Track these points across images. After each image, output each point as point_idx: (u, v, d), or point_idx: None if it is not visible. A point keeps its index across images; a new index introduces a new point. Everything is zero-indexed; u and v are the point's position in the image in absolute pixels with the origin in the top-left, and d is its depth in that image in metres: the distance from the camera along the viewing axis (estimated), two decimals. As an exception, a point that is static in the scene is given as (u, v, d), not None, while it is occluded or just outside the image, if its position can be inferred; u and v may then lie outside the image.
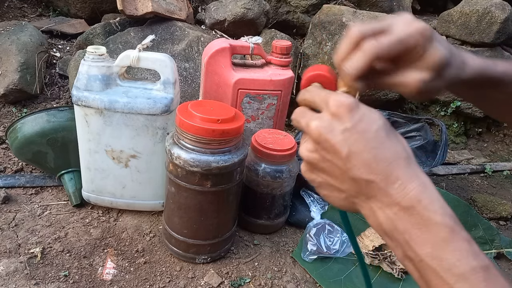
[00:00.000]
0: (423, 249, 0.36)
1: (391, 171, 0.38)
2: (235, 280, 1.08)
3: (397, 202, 0.37)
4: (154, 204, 1.24)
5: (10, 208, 1.22)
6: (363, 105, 0.40)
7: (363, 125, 0.38)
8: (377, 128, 0.38)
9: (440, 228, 0.35)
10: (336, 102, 0.39)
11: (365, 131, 0.38)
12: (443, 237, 0.35)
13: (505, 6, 1.84)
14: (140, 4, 1.69)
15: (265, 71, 1.29)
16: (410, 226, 0.37)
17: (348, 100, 0.39)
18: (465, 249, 0.35)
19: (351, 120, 0.38)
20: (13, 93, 1.60)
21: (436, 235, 0.35)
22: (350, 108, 0.39)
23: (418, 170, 0.38)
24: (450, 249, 0.35)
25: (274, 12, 1.94)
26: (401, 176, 0.37)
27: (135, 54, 1.06)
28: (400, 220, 0.37)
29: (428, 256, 0.36)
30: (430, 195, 0.37)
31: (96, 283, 1.02)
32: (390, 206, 0.38)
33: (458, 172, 1.80)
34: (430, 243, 0.36)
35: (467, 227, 1.22)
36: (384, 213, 0.38)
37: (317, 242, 1.15)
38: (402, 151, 0.39)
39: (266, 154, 1.13)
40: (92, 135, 1.11)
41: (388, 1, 2.04)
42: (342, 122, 0.39)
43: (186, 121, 0.94)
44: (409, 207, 0.37)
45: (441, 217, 0.36)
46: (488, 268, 0.34)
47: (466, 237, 0.35)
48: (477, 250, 0.35)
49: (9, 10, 2.10)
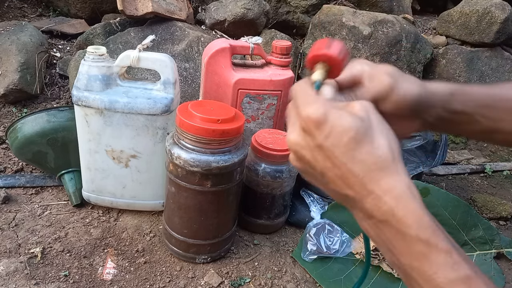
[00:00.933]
0: (404, 259, 0.36)
1: (364, 185, 0.37)
2: (235, 280, 1.08)
3: (373, 215, 0.37)
4: (154, 204, 1.24)
5: (10, 208, 1.22)
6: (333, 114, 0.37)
7: (331, 140, 0.37)
8: (347, 141, 0.37)
9: (415, 242, 0.35)
10: (305, 117, 0.38)
11: (335, 146, 0.37)
12: (419, 251, 0.35)
13: (505, 6, 1.85)
14: (140, 4, 1.69)
15: (265, 71, 1.29)
16: (390, 237, 0.37)
17: (314, 115, 0.37)
18: (442, 262, 0.34)
19: (320, 136, 0.37)
20: (13, 93, 1.60)
21: (413, 248, 0.36)
22: (317, 124, 0.37)
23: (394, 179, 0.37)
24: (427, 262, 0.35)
25: (274, 12, 1.94)
26: (374, 189, 0.37)
27: (135, 54, 1.06)
28: (380, 231, 0.38)
29: (408, 266, 0.36)
30: (405, 207, 0.36)
31: (96, 283, 1.02)
32: (368, 217, 0.38)
33: (458, 172, 1.80)
34: (408, 255, 0.36)
35: (467, 227, 1.23)
36: (366, 222, 0.39)
37: (317, 242, 1.15)
38: (375, 161, 0.37)
39: (266, 154, 1.14)
40: (92, 135, 1.11)
41: (388, 1, 2.04)
42: (312, 139, 0.38)
43: (186, 121, 0.94)
44: (384, 220, 0.37)
45: (416, 231, 0.35)
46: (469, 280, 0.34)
47: (445, 248, 0.35)
48: (457, 260, 0.34)
49: (9, 10, 2.10)
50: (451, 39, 2.00)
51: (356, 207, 0.39)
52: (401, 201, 0.36)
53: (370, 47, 1.71)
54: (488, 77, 1.94)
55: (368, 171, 0.37)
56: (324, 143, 0.37)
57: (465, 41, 1.96)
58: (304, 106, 0.39)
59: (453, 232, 1.21)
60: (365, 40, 1.70)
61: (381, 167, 0.37)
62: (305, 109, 0.38)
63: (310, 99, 0.39)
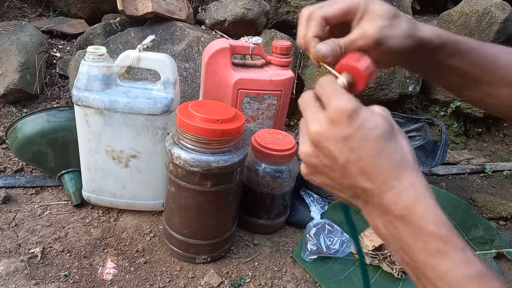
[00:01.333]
0: (417, 257, 0.37)
1: (387, 180, 0.38)
2: (235, 280, 1.08)
3: (390, 210, 0.38)
4: (154, 204, 1.24)
5: (10, 208, 1.22)
6: (365, 109, 0.39)
7: (361, 132, 0.38)
8: (376, 136, 0.38)
9: (433, 238, 0.36)
10: (337, 107, 0.39)
11: (364, 138, 0.38)
12: (436, 246, 0.36)
13: (505, 6, 1.84)
14: (140, 4, 1.69)
15: (265, 71, 1.29)
16: (405, 234, 0.37)
17: (348, 106, 0.38)
18: (458, 258, 0.35)
19: (350, 128, 0.38)
20: (13, 93, 1.60)
21: (429, 244, 0.36)
22: (350, 115, 0.38)
23: (415, 179, 0.38)
24: (443, 258, 0.35)
25: (274, 12, 1.94)
26: (396, 185, 0.38)
27: (135, 54, 1.06)
28: (395, 228, 0.38)
29: (422, 263, 0.36)
30: (424, 204, 0.37)
31: (96, 283, 1.02)
32: (384, 214, 0.38)
33: (458, 172, 1.80)
34: (423, 251, 0.36)
35: (467, 227, 1.23)
36: (380, 219, 0.39)
37: (317, 242, 1.15)
38: (400, 159, 0.38)
39: (266, 154, 1.14)
40: (92, 135, 1.11)
41: (388, 1, 2.04)
42: (341, 129, 0.38)
43: (186, 121, 0.94)
44: (402, 216, 0.37)
45: (434, 226, 0.36)
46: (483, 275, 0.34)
47: (460, 245, 0.36)
48: (471, 257, 0.35)
49: (9, 10, 2.10)
50: (451, 39, 2.00)
51: (372, 202, 0.39)
52: (422, 198, 0.37)
53: (370, 47, 1.71)
54: (488, 77, 1.94)
55: (392, 166, 0.38)
56: (354, 134, 0.38)
57: (465, 41, 1.96)
58: (335, 98, 0.39)
59: (453, 232, 1.21)
60: (365, 40, 1.70)
61: (405, 165, 0.38)
62: (337, 100, 0.39)
63: (341, 93, 0.40)
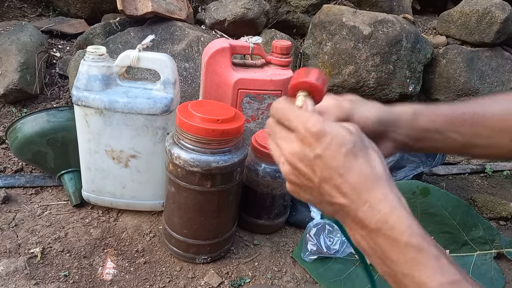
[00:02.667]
0: (396, 267, 0.38)
1: (360, 195, 0.39)
2: (235, 280, 1.08)
3: (366, 224, 0.39)
4: (154, 204, 1.24)
5: (10, 208, 1.22)
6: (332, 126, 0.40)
7: (330, 151, 0.39)
8: (344, 153, 0.39)
9: (407, 248, 0.37)
10: (303, 128, 0.40)
11: (333, 157, 0.39)
12: (411, 257, 0.37)
13: (505, 6, 1.84)
14: (140, 4, 1.69)
15: (265, 71, 1.29)
16: (382, 246, 0.38)
17: (315, 127, 0.39)
18: (432, 266, 0.36)
19: (319, 147, 0.39)
20: (13, 93, 1.60)
21: (405, 255, 0.37)
22: (317, 135, 0.39)
23: (387, 190, 0.39)
24: (418, 268, 0.36)
25: (274, 12, 1.93)
26: (368, 199, 0.38)
27: (135, 54, 1.06)
28: (372, 240, 0.39)
29: (400, 274, 0.38)
30: (397, 216, 0.38)
31: (96, 283, 1.02)
32: (361, 227, 0.40)
33: (458, 172, 1.80)
34: (400, 262, 0.37)
35: (467, 227, 1.22)
36: (358, 233, 0.40)
37: (317, 242, 1.15)
38: (370, 173, 0.39)
39: (266, 154, 1.13)
40: (92, 135, 1.11)
41: (388, 1, 2.04)
42: (312, 149, 0.39)
43: (186, 121, 0.94)
44: (377, 229, 0.38)
45: (408, 237, 0.37)
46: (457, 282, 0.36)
47: (435, 254, 0.37)
48: (445, 265, 0.36)
49: (9, 10, 2.10)
50: (451, 39, 2.00)
51: (350, 216, 0.40)
52: (394, 210, 0.38)
53: (370, 47, 1.70)
54: (488, 77, 1.94)
55: (364, 181, 0.39)
56: (324, 153, 0.39)
57: (465, 41, 1.96)
58: (300, 120, 0.40)
59: (453, 232, 1.21)
60: (365, 40, 1.70)
61: (376, 179, 0.39)
62: (303, 122, 0.40)
63: (305, 115, 0.41)
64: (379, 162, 0.40)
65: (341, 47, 1.72)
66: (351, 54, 1.71)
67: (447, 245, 1.21)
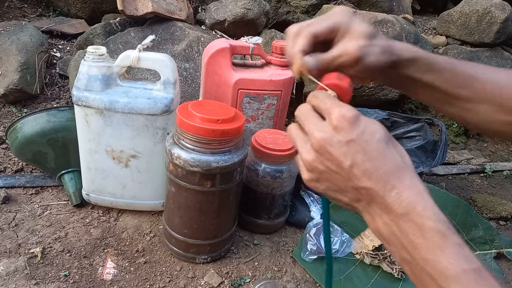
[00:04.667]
0: (418, 253, 0.38)
1: (389, 180, 0.40)
2: (235, 280, 1.08)
3: (393, 209, 0.40)
4: (154, 204, 1.24)
5: (10, 208, 1.22)
6: (364, 117, 0.42)
7: (365, 137, 0.41)
8: (378, 139, 0.41)
9: (433, 234, 0.38)
10: (339, 114, 0.41)
11: (367, 142, 0.41)
12: (436, 242, 0.38)
13: (505, 6, 1.85)
14: (140, 4, 1.69)
15: (265, 71, 1.29)
16: (406, 232, 0.39)
17: (350, 113, 0.41)
18: (456, 253, 0.37)
19: (354, 133, 0.41)
20: (13, 93, 1.60)
21: (429, 240, 0.38)
22: (352, 121, 0.41)
23: (414, 179, 0.41)
24: (442, 253, 0.37)
25: (274, 12, 1.94)
26: (397, 185, 0.40)
27: (135, 54, 1.06)
28: (396, 225, 0.40)
29: (422, 259, 0.38)
30: (424, 202, 0.39)
31: (96, 283, 1.02)
32: (387, 212, 0.40)
33: (458, 172, 1.80)
34: (424, 247, 0.38)
35: (467, 227, 1.23)
36: (382, 219, 0.41)
37: (317, 242, 1.15)
38: (400, 161, 0.41)
39: (266, 154, 1.14)
40: (92, 135, 1.11)
41: (388, 1, 2.04)
42: (345, 135, 0.41)
43: (186, 121, 0.94)
44: (404, 213, 0.39)
45: (434, 223, 0.38)
46: (479, 270, 0.36)
47: (458, 241, 0.38)
48: (468, 253, 0.37)
49: (9, 10, 2.10)
50: (451, 39, 2.00)
51: (375, 201, 0.41)
52: (422, 197, 0.39)
53: (370, 47, 1.70)
54: (488, 77, 1.94)
55: (394, 168, 0.41)
56: (358, 138, 0.41)
57: (465, 41, 1.96)
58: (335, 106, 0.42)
59: (453, 232, 1.21)
60: (365, 40, 1.70)
61: (404, 167, 0.41)
62: (338, 108, 0.42)
63: (339, 103, 0.43)
64: (405, 153, 0.42)
65: (341, 47, 1.72)
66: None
67: (447, 245, 1.21)
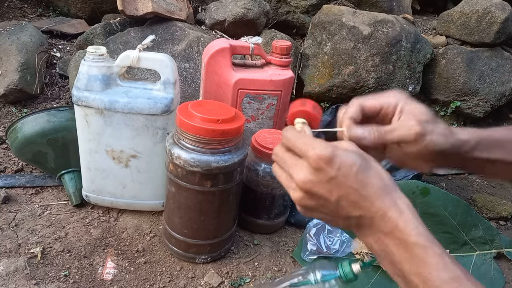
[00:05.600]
0: (405, 267, 0.42)
1: (374, 204, 0.43)
2: (235, 280, 1.08)
3: (380, 229, 0.43)
4: (154, 204, 1.24)
5: (10, 208, 1.22)
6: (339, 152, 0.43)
7: (343, 171, 0.43)
8: (356, 171, 0.43)
9: (414, 248, 0.41)
10: (315, 156, 0.43)
11: (347, 176, 0.43)
12: (418, 255, 0.41)
13: (505, 6, 1.84)
14: (140, 4, 1.69)
15: (265, 71, 1.29)
16: (394, 248, 0.42)
17: (325, 153, 0.42)
18: (436, 263, 0.40)
19: (333, 170, 0.42)
20: (13, 93, 1.60)
21: (413, 254, 0.41)
22: (328, 160, 0.42)
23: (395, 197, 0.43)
24: (424, 265, 0.40)
25: (274, 12, 1.94)
26: (381, 207, 0.43)
27: (135, 54, 1.06)
28: (385, 244, 0.43)
29: (409, 272, 0.41)
30: (405, 219, 0.42)
31: (96, 283, 1.02)
32: (375, 232, 0.44)
33: (458, 172, 1.80)
34: (409, 261, 0.41)
35: (467, 227, 1.22)
36: (373, 239, 0.44)
37: (317, 242, 1.15)
38: (380, 184, 0.43)
39: (266, 154, 1.14)
40: (92, 135, 1.11)
41: (388, 1, 2.04)
42: (325, 174, 0.43)
43: (186, 121, 0.94)
44: (389, 232, 0.43)
45: (415, 237, 0.41)
46: (459, 279, 0.39)
47: (438, 252, 0.41)
48: (448, 262, 0.40)
49: (9, 10, 2.10)
50: (451, 39, 2.00)
51: (365, 225, 0.44)
52: (402, 214, 0.42)
53: (370, 47, 1.70)
54: (488, 77, 1.94)
55: (376, 192, 0.43)
56: (337, 175, 0.42)
57: (465, 41, 1.96)
58: (309, 148, 0.44)
59: (453, 232, 1.21)
60: (365, 40, 1.70)
61: (385, 188, 0.43)
62: (313, 150, 0.43)
63: (311, 141, 0.44)
64: (384, 172, 0.45)
65: (341, 47, 1.72)
66: (351, 54, 1.71)
67: (447, 245, 1.21)
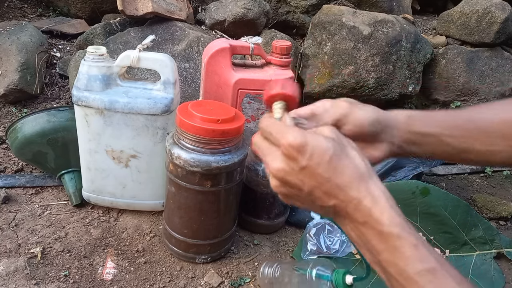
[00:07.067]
0: (382, 256, 0.41)
1: (348, 193, 0.42)
2: (235, 280, 1.08)
3: (355, 218, 0.42)
4: (154, 204, 1.24)
5: (10, 208, 1.22)
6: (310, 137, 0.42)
7: (314, 160, 0.41)
8: (328, 159, 0.41)
9: (389, 238, 0.40)
10: (286, 144, 0.42)
11: (318, 165, 0.41)
12: (393, 246, 0.40)
13: (505, 6, 1.85)
14: (140, 4, 1.69)
15: (265, 71, 1.29)
16: (369, 238, 0.42)
17: (296, 141, 0.41)
18: (411, 255, 0.39)
19: (304, 159, 0.41)
20: (13, 93, 1.60)
21: (388, 244, 0.40)
22: (299, 149, 0.41)
23: (371, 185, 0.42)
24: (399, 256, 0.39)
25: (274, 12, 1.94)
26: (355, 196, 0.41)
27: (135, 54, 1.06)
28: (362, 233, 0.42)
29: (385, 261, 0.41)
30: (380, 208, 0.41)
31: (96, 283, 1.02)
32: (351, 221, 0.43)
33: (458, 172, 1.80)
34: (384, 251, 0.40)
35: (467, 227, 1.22)
36: (350, 227, 0.44)
37: (317, 242, 1.15)
38: (355, 172, 0.42)
39: (266, 154, 1.13)
40: (92, 135, 1.11)
41: (388, 1, 2.04)
42: (297, 163, 0.42)
43: (186, 121, 0.94)
44: (364, 222, 0.41)
45: (389, 228, 0.40)
46: (434, 270, 0.38)
47: (413, 242, 0.39)
48: (424, 253, 0.39)
49: (9, 10, 2.10)
50: (451, 39, 2.00)
51: (341, 214, 0.43)
52: (377, 204, 0.41)
53: (370, 47, 1.70)
54: (488, 77, 1.94)
55: (350, 181, 0.42)
56: (308, 164, 0.41)
57: (465, 41, 1.96)
58: (282, 136, 0.43)
59: (453, 232, 1.21)
60: (365, 40, 1.70)
61: (359, 176, 0.42)
62: (284, 138, 0.42)
63: (285, 129, 0.44)
64: (360, 159, 0.43)
65: (341, 47, 1.72)
66: (351, 54, 1.71)
67: (447, 245, 1.21)
